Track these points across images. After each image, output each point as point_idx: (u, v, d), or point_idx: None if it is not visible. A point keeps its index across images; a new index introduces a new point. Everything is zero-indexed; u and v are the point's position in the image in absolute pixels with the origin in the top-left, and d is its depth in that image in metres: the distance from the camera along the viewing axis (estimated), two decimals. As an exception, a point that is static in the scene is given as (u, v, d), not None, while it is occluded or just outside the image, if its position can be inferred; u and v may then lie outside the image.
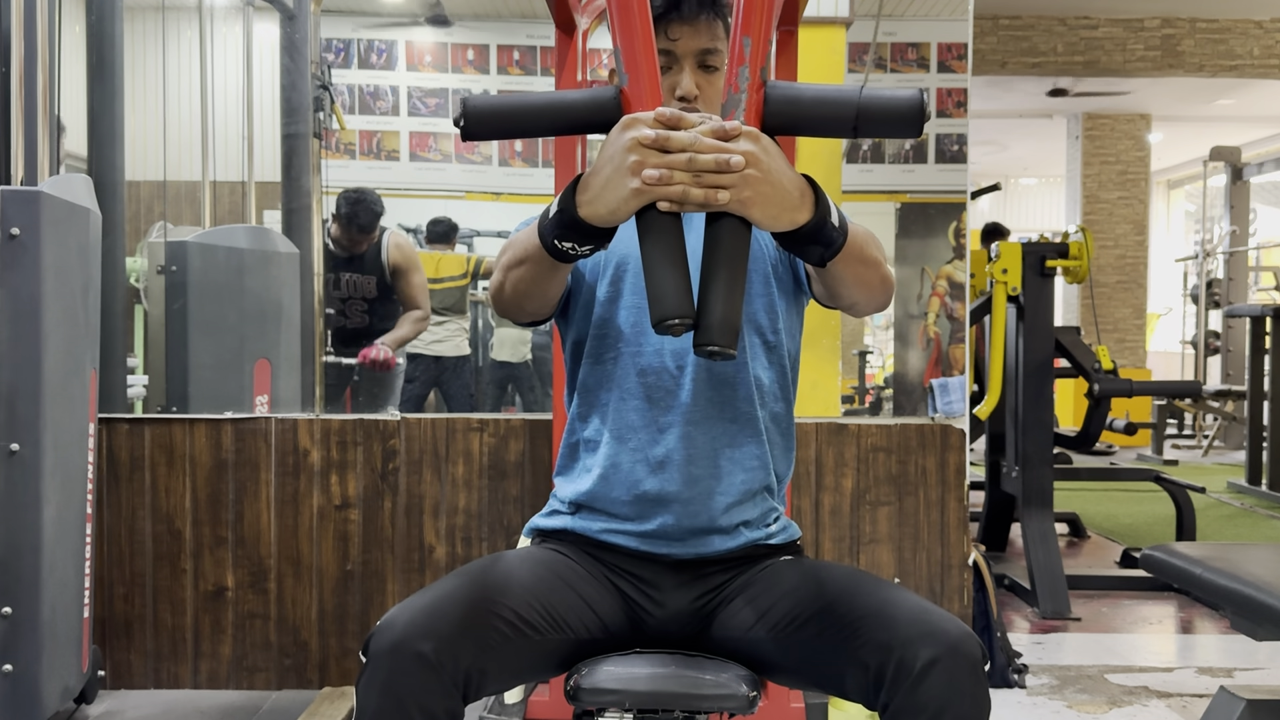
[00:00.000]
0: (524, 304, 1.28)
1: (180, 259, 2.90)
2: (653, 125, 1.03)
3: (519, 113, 1.13)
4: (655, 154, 1.02)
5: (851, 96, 1.09)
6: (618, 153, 1.04)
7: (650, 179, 1.02)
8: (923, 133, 1.11)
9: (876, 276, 1.23)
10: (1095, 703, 2.74)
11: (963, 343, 3.24)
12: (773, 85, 1.10)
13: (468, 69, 3.38)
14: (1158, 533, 5.02)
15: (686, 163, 1.02)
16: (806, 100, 1.11)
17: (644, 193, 1.03)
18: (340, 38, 3.32)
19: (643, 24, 1.09)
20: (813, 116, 1.11)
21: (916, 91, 1.08)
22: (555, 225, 1.10)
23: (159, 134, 3.24)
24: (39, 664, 2.13)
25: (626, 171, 1.03)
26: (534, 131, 1.16)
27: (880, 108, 1.08)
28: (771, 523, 1.42)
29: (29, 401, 2.12)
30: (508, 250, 1.26)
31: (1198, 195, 10.37)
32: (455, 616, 1.16)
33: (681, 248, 1.05)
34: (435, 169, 3.41)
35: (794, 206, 1.06)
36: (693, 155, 1.02)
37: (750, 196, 1.03)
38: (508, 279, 1.25)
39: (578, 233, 1.09)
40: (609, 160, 1.05)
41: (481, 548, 2.76)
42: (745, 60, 1.08)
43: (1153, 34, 7.99)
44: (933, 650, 1.12)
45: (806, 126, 1.12)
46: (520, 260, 1.22)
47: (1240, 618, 1.70)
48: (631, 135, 1.03)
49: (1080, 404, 7.76)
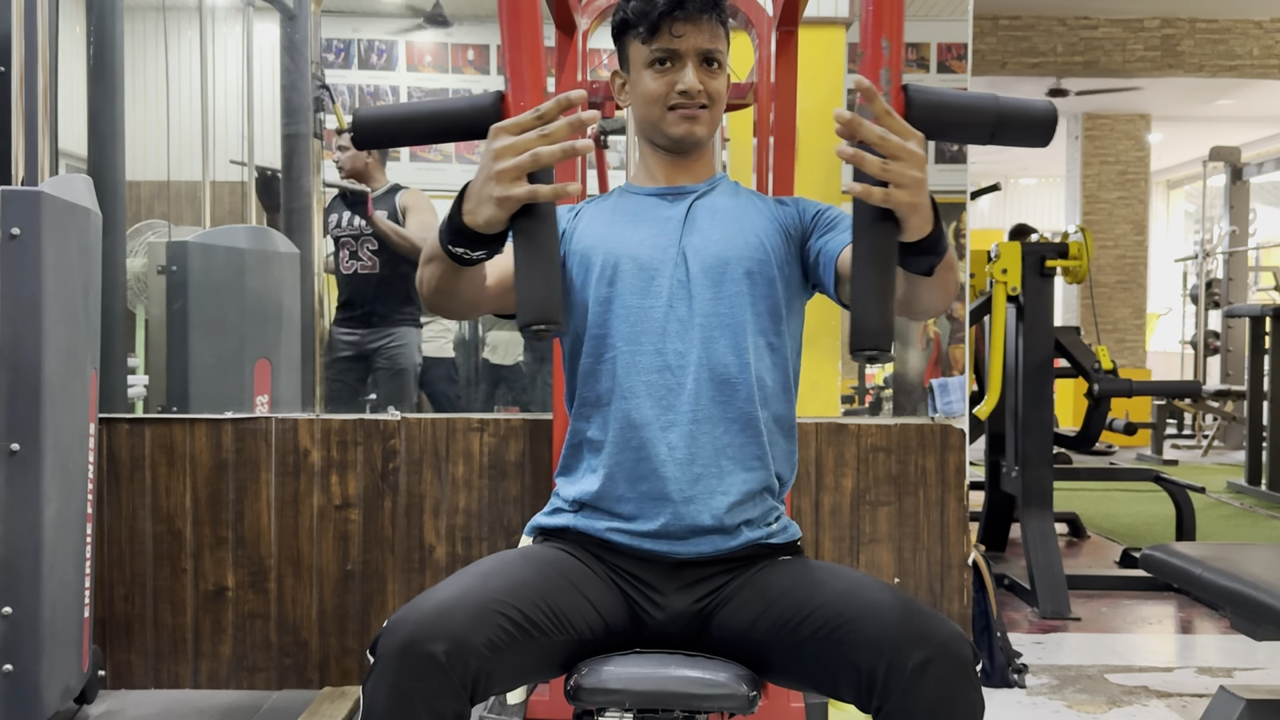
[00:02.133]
0: (444, 302, 1.28)
1: (180, 259, 2.90)
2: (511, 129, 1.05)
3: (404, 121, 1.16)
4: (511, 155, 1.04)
5: (991, 103, 1.11)
6: (485, 162, 1.06)
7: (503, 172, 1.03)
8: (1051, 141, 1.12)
9: (954, 280, 1.24)
10: (1095, 703, 2.74)
11: (962, 343, 3.24)
12: (915, 89, 1.10)
13: (468, 69, 3.38)
14: (1157, 533, 5.02)
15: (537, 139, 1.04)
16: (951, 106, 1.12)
17: (507, 199, 1.05)
18: (340, 38, 3.32)
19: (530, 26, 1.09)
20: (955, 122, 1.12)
21: (1049, 102, 1.11)
22: (447, 232, 1.13)
23: (159, 134, 3.24)
24: (39, 664, 2.13)
25: (491, 180, 1.04)
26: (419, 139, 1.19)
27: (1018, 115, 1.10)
28: (772, 522, 1.43)
29: (29, 401, 2.12)
30: (425, 247, 1.27)
31: (1197, 195, 10.38)
32: (465, 617, 1.15)
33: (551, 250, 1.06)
34: (435, 169, 3.41)
35: (929, 216, 1.07)
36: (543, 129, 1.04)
37: (915, 203, 1.03)
38: (424, 276, 1.27)
39: (467, 239, 1.12)
40: (480, 170, 1.07)
41: (482, 548, 2.76)
42: (885, 62, 1.07)
43: (1152, 34, 7.99)
44: (924, 651, 1.12)
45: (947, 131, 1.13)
46: (430, 258, 1.23)
47: (1240, 618, 1.70)
48: (492, 145, 1.05)
49: (1080, 404, 7.77)
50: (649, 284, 1.40)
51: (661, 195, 1.49)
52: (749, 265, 1.41)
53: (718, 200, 1.49)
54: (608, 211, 1.49)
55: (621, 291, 1.40)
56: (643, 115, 1.46)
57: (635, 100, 1.47)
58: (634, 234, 1.44)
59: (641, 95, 1.44)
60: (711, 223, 1.45)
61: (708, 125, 1.45)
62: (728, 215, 1.46)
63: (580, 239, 1.45)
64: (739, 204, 1.49)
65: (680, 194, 1.49)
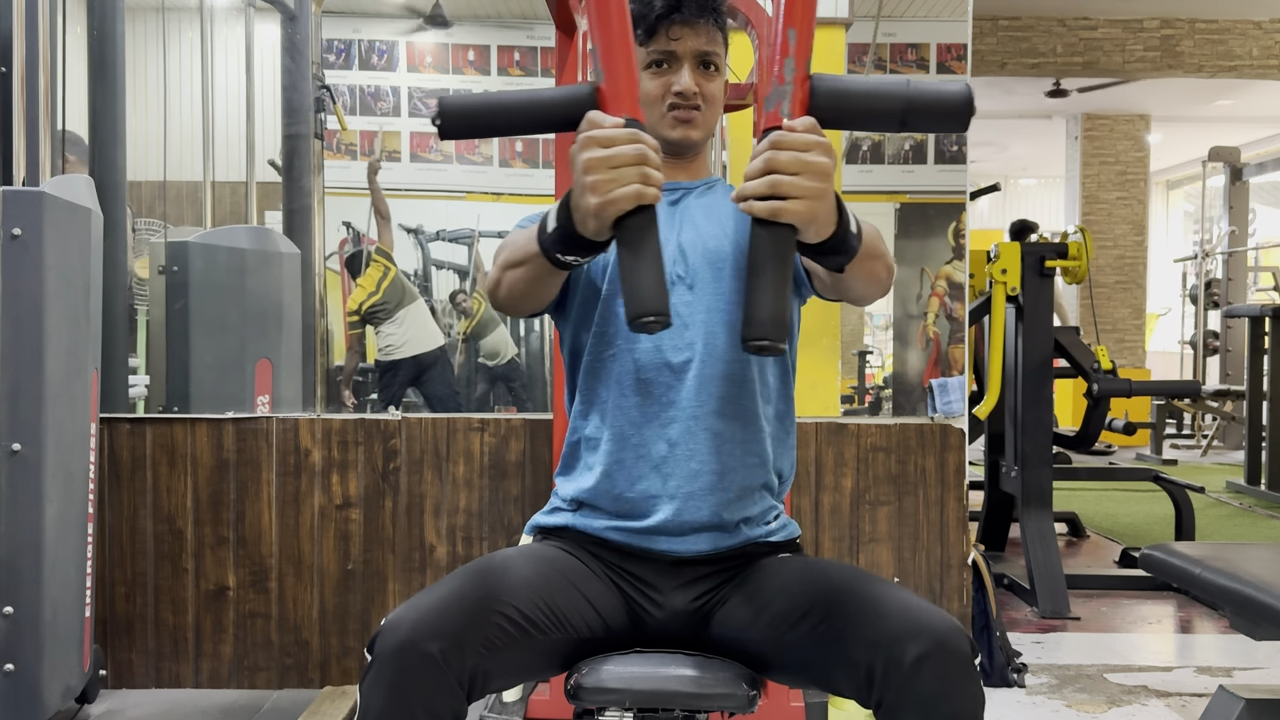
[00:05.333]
0: (520, 303, 1.29)
1: (181, 259, 2.91)
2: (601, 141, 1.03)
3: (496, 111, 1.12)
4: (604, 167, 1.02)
5: (899, 89, 1.07)
6: (577, 176, 1.05)
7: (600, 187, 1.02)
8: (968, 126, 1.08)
9: (884, 268, 1.24)
10: (1094, 702, 2.74)
11: (962, 343, 3.25)
12: (819, 78, 1.08)
13: (469, 70, 3.38)
14: (1157, 532, 5.03)
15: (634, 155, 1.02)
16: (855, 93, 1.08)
17: (611, 205, 1.03)
18: (341, 38, 3.32)
19: (620, 22, 1.08)
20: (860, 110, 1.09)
21: (964, 84, 1.07)
22: (556, 240, 1.11)
23: (160, 134, 3.24)
24: (40, 663, 2.14)
25: (588, 192, 1.03)
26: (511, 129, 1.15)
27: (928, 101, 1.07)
28: (771, 520, 1.43)
29: (31, 401, 2.13)
30: (505, 249, 1.27)
31: (1197, 195, 10.38)
32: (462, 616, 1.16)
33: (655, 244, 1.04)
34: (436, 169, 3.41)
35: (830, 221, 1.07)
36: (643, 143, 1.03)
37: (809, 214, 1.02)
38: (504, 279, 1.26)
39: (578, 247, 1.11)
40: (575, 181, 1.06)
41: (482, 547, 2.76)
42: (790, 52, 1.06)
43: (1152, 34, 8.00)
44: (921, 646, 1.12)
45: (853, 120, 1.10)
46: (518, 262, 1.22)
47: (1239, 617, 1.70)
48: (583, 155, 1.03)
49: (1079, 404, 7.78)
50: None
51: None
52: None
53: (714, 199, 1.49)
54: (607, 212, 1.49)
55: (619, 289, 1.41)
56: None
57: None
58: None
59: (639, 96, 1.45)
60: (708, 219, 1.45)
61: (703, 128, 1.46)
62: (726, 213, 1.46)
63: None
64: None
65: (675, 191, 1.49)
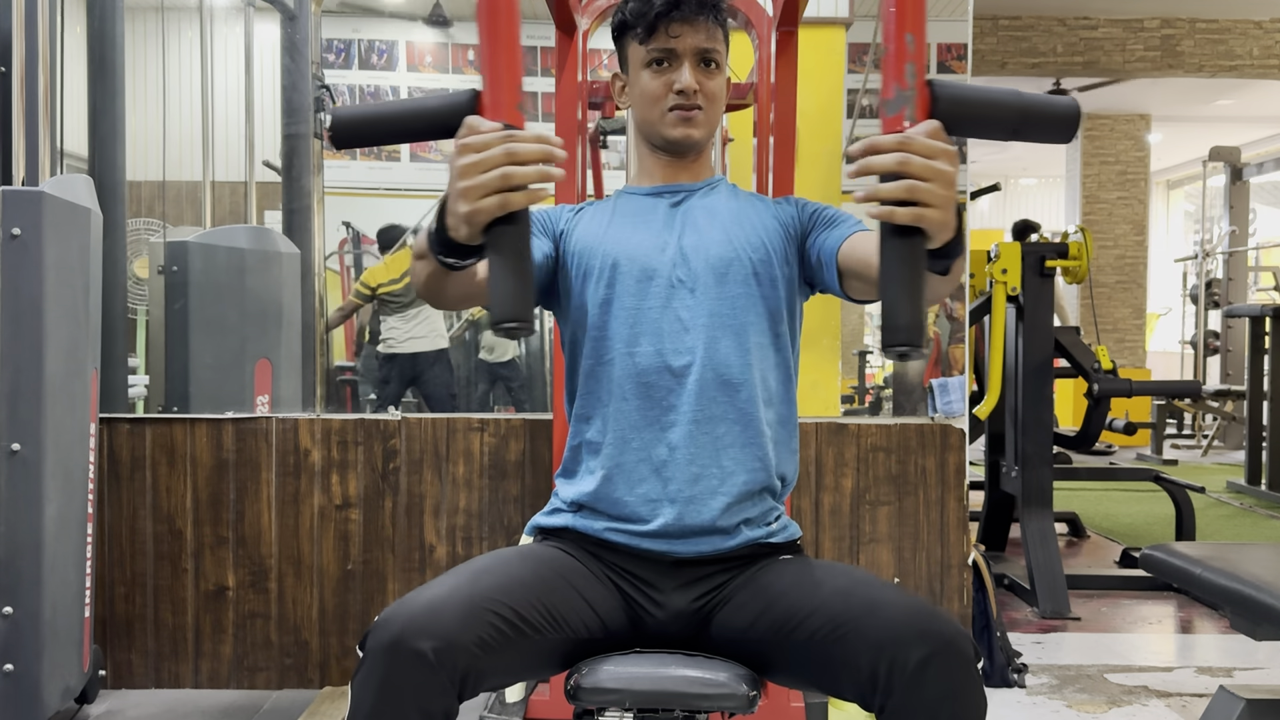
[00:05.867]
0: (437, 296, 1.26)
1: (181, 259, 2.90)
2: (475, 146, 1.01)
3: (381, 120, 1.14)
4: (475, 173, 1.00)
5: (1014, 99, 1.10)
6: (450, 179, 1.03)
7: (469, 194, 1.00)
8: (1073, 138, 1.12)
9: (962, 268, 1.22)
10: (1095, 702, 2.74)
11: (962, 343, 3.25)
12: (939, 84, 1.08)
13: (468, 69, 3.38)
14: (1157, 532, 5.02)
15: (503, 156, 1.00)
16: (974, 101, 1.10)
17: (476, 214, 1.00)
18: (341, 38, 3.32)
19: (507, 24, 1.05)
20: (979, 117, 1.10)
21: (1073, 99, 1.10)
22: (436, 243, 1.10)
23: (159, 134, 3.24)
24: (40, 663, 2.14)
25: (458, 198, 1.01)
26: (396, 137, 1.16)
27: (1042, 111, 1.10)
28: (772, 522, 1.43)
29: (30, 401, 2.12)
30: (414, 242, 1.23)
31: (1197, 195, 10.38)
32: (455, 615, 1.15)
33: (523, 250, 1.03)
34: (436, 169, 3.41)
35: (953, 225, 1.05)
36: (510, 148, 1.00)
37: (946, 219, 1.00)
38: (415, 270, 1.23)
39: (454, 251, 1.09)
40: (448, 185, 1.04)
41: (482, 547, 2.76)
42: (911, 57, 1.05)
43: (1152, 34, 8.00)
44: (925, 649, 1.12)
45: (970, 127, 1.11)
46: (420, 254, 1.20)
47: (1239, 617, 1.70)
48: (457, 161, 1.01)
49: (1080, 404, 7.77)
50: (647, 285, 1.40)
51: (659, 195, 1.50)
52: (753, 265, 1.41)
53: (717, 201, 1.49)
54: (607, 214, 1.49)
55: (620, 293, 1.40)
56: (642, 116, 1.47)
57: (634, 101, 1.47)
58: (631, 235, 1.44)
59: (640, 96, 1.45)
60: (711, 222, 1.45)
61: (704, 127, 1.45)
62: (729, 215, 1.46)
63: (579, 240, 1.45)
64: (739, 205, 1.49)
65: (677, 193, 1.49)
